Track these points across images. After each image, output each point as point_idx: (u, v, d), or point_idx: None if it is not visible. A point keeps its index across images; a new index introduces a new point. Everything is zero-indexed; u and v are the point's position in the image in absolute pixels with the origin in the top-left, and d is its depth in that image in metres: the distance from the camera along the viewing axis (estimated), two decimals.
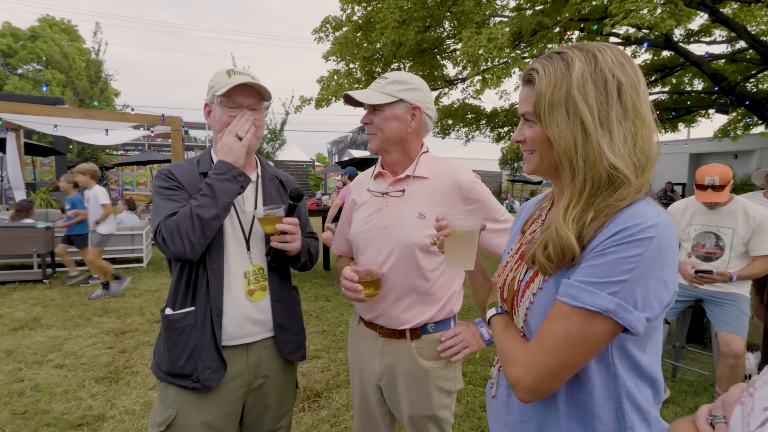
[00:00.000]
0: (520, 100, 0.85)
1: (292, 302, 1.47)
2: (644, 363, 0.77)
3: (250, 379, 1.34)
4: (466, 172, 1.37)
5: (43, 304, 4.91)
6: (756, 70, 8.83)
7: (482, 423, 2.60)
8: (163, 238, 1.21)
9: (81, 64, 20.03)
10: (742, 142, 12.83)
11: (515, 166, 30.41)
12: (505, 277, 0.93)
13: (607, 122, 0.74)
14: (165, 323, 1.30)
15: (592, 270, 0.71)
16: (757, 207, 2.61)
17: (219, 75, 1.33)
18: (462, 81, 9.77)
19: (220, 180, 1.23)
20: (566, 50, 0.78)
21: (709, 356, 3.52)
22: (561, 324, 0.72)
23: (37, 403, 2.76)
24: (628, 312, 0.69)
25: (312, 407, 2.80)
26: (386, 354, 1.38)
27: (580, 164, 0.75)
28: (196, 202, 1.21)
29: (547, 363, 0.73)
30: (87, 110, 6.71)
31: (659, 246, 0.68)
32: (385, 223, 1.35)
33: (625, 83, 0.75)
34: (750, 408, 0.42)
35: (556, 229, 0.76)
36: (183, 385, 1.25)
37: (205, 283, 1.27)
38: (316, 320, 4.51)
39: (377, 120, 1.32)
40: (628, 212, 0.71)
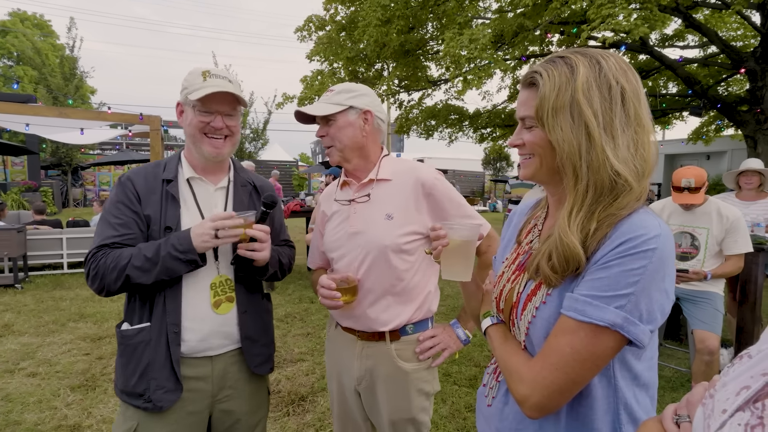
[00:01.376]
0: (519, 104, 0.83)
1: (261, 313, 1.41)
2: (639, 370, 0.78)
3: (215, 390, 1.29)
4: (427, 169, 1.38)
5: (14, 309, 4.73)
6: (726, 74, 9.16)
7: (467, 423, 2.61)
8: (88, 273, 1.19)
9: (55, 61, 19.38)
10: (714, 143, 13.27)
11: (498, 166, 30.82)
12: (502, 288, 0.91)
13: (611, 128, 0.73)
14: (119, 339, 1.24)
15: (597, 283, 0.70)
16: (730, 208, 2.71)
17: (193, 75, 1.27)
18: (445, 82, 9.85)
19: (172, 257, 1.16)
20: (570, 55, 0.78)
21: (685, 352, 3.62)
22: (568, 340, 0.71)
23: (9, 414, 2.65)
24: (635, 326, 0.68)
25: (297, 411, 2.77)
26: (365, 357, 1.37)
27: (583, 170, 0.74)
28: (136, 261, 1.16)
29: (555, 380, 0.72)
30: (61, 108, 6.50)
31: (661, 257, 0.68)
32: (355, 229, 1.35)
33: (628, 90, 0.75)
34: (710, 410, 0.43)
35: (560, 237, 0.74)
36: (136, 405, 1.20)
37: (162, 298, 1.22)
38: (300, 323, 4.47)
39: (332, 131, 1.33)
40: (629, 223, 0.71)
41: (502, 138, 12.08)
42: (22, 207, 11.62)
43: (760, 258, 2.90)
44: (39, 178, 15.46)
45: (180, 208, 1.27)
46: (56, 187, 15.93)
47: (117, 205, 1.24)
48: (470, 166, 28.44)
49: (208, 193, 1.34)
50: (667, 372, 3.38)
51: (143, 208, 1.25)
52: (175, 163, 1.33)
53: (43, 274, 6.37)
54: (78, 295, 5.35)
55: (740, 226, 2.65)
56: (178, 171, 1.32)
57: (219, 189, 1.36)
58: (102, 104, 21.72)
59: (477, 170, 28.03)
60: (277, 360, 3.49)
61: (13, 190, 12.61)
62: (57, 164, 18.51)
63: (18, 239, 5.69)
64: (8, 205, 7.56)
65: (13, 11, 26.98)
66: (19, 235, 5.72)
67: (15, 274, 5.65)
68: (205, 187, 1.34)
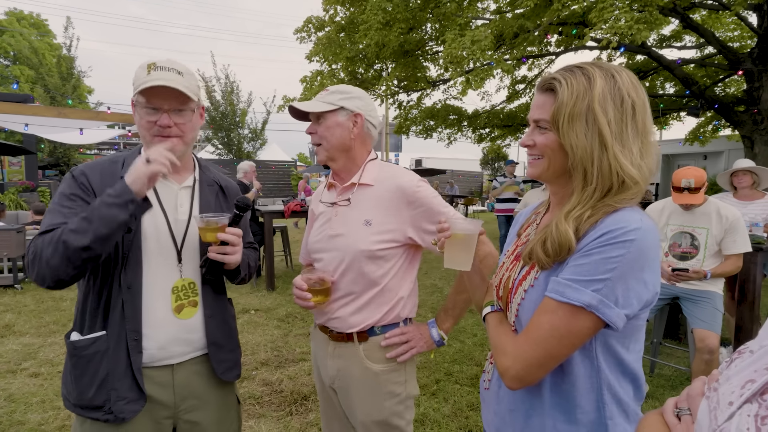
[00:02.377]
0: (534, 107, 0.88)
1: (226, 318, 1.35)
2: (627, 360, 0.83)
3: (177, 401, 1.22)
4: (409, 176, 1.38)
5: (15, 310, 4.73)
6: (723, 74, 9.22)
7: (469, 422, 2.63)
8: (28, 261, 1.06)
9: (52, 60, 19.32)
10: (711, 143, 13.33)
11: (496, 166, 30.87)
12: (501, 277, 0.99)
13: (621, 137, 0.80)
14: (70, 350, 1.15)
15: (578, 269, 0.77)
16: (729, 208, 2.73)
17: (140, 69, 1.16)
18: (444, 82, 9.87)
19: (107, 204, 1.02)
20: (587, 66, 0.83)
21: (684, 351, 3.65)
22: (548, 318, 0.78)
23: (12, 414, 2.65)
24: (609, 308, 0.75)
25: (299, 411, 2.78)
26: (337, 357, 1.39)
27: (594, 174, 0.80)
28: (71, 225, 1.02)
29: (533, 353, 0.79)
30: (61, 108, 6.49)
31: (640, 248, 0.74)
32: (335, 232, 1.37)
33: (638, 104, 0.81)
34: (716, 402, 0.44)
35: (556, 225, 0.81)
36: (95, 418, 1.13)
37: (119, 304, 1.13)
38: (301, 322, 4.48)
39: (321, 129, 1.35)
40: (614, 217, 0.77)
41: (501, 138, 12.11)
42: (20, 207, 11.57)
43: (758, 257, 2.93)
44: (36, 178, 15.41)
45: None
46: (54, 187, 15.87)
47: (69, 196, 1.14)
48: (468, 166, 28.48)
49: (171, 192, 1.27)
50: (667, 371, 3.40)
51: None
52: (134, 160, 1.18)
53: None
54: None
55: (739, 226, 2.68)
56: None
57: (184, 188, 1.29)
58: (99, 104, 21.67)
59: (475, 170, 28.08)
60: (278, 360, 3.51)
61: (10, 191, 12.55)
62: (54, 164, 18.45)
63: (17, 239, 5.68)
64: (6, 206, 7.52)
65: (10, 10, 26.85)
66: (18, 235, 5.71)
67: (14, 274, 5.64)
68: (168, 187, 1.26)
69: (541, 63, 10.59)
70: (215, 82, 18.43)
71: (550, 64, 10.64)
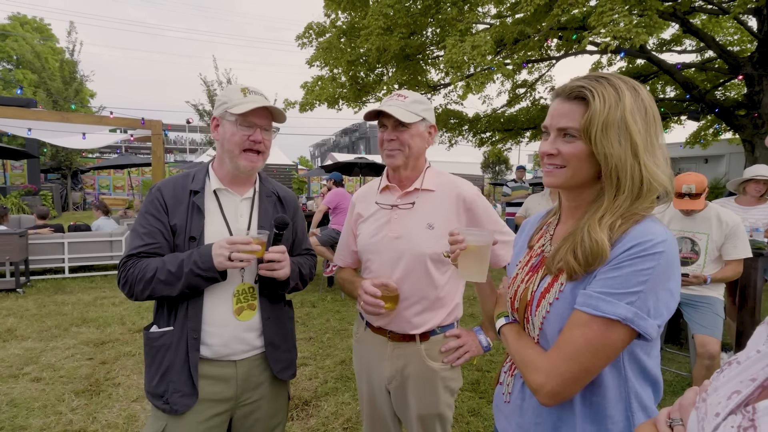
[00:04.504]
0: (559, 115, 0.86)
1: (284, 319, 1.46)
2: (649, 366, 0.84)
3: (238, 393, 1.34)
4: (469, 186, 1.46)
5: (17, 314, 4.74)
6: (724, 78, 9.23)
7: (470, 428, 2.63)
8: (119, 280, 1.28)
9: (54, 65, 19.41)
10: (712, 147, 13.33)
11: (497, 169, 30.89)
12: (516, 288, 0.98)
13: (650, 146, 0.82)
14: (145, 340, 1.31)
15: (609, 282, 0.77)
16: (730, 213, 2.74)
17: (233, 91, 1.33)
18: (445, 86, 9.89)
19: (194, 274, 1.22)
20: (612, 78, 0.84)
21: (685, 356, 3.65)
22: (582, 332, 0.78)
23: (14, 419, 2.66)
24: (644, 320, 0.75)
25: (300, 416, 2.78)
26: (396, 357, 1.44)
27: (627, 182, 0.81)
28: (161, 275, 1.22)
29: (569, 369, 0.78)
30: (63, 113, 6.52)
31: (668, 260, 0.76)
32: (396, 234, 1.42)
33: (656, 116, 0.85)
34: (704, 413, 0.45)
35: (588, 234, 0.81)
36: (157, 406, 1.26)
37: (185, 304, 1.28)
38: (302, 327, 4.48)
39: (404, 137, 1.39)
40: (639, 229, 0.79)
41: (502, 142, 12.11)
42: (23, 211, 11.61)
43: (759, 263, 2.93)
44: (39, 181, 15.46)
45: (204, 219, 1.32)
46: (56, 190, 15.92)
47: (145, 215, 1.31)
48: (469, 170, 28.48)
49: (234, 204, 1.39)
50: (668, 376, 3.40)
51: (170, 218, 1.30)
52: (203, 175, 1.39)
53: (45, 279, 6.38)
54: (80, 300, 5.36)
55: (739, 231, 2.68)
56: (206, 182, 1.37)
57: (245, 199, 1.41)
58: (102, 108, 21.75)
59: (476, 173, 28.07)
60: None
61: (12, 194, 12.60)
62: (56, 168, 18.50)
63: (20, 244, 5.70)
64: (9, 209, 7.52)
65: (13, 15, 27.02)
66: (21, 239, 5.73)
67: (17, 278, 5.65)
68: (231, 198, 1.39)
69: (541, 67, 10.62)
70: (217, 86, 18.50)
71: (550, 68, 10.67)
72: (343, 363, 3.57)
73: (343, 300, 5.45)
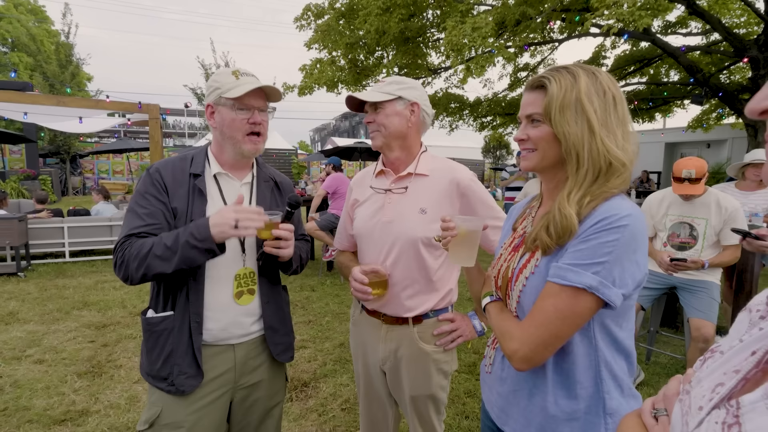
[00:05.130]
0: (525, 104, 0.96)
1: (281, 304, 1.47)
2: (620, 337, 0.90)
3: (237, 376, 1.35)
4: (464, 171, 1.45)
5: (18, 298, 4.78)
6: (729, 62, 9.09)
7: (466, 408, 2.68)
8: (115, 261, 1.23)
9: (50, 47, 19.13)
10: (715, 132, 13.24)
11: (497, 154, 30.72)
12: (500, 268, 1.04)
13: (607, 124, 0.88)
14: (144, 326, 1.30)
15: (577, 254, 0.83)
16: (729, 198, 2.73)
17: (224, 75, 1.30)
18: (445, 70, 9.75)
19: (190, 245, 1.16)
20: (570, 66, 0.92)
21: (681, 339, 3.68)
22: (552, 301, 0.84)
23: (18, 400, 2.70)
24: (608, 288, 0.81)
25: (299, 397, 2.82)
26: (390, 340, 1.46)
27: (585, 156, 0.87)
28: (157, 250, 1.17)
29: (540, 335, 0.85)
30: (60, 97, 6.45)
31: (632, 233, 0.81)
32: (389, 219, 1.42)
33: (617, 97, 0.90)
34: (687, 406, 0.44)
35: (559, 210, 0.87)
36: (161, 387, 1.27)
37: (185, 289, 1.27)
38: (302, 310, 4.52)
39: (379, 117, 1.39)
40: (607, 205, 0.84)
41: (503, 126, 12.01)
42: (22, 195, 11.61)
43: None
44: (37, 166, 15.41)
45: (207, 202, 1.31)
46: (55, 175, 15.88)
47: (144, 195, 1.27)
48: (470, 155, 28.34)
49: (234, 189, 1.39)
50: (662, 359, 3.44)
51: (171, 200, 1.28)
52: (202, 158, 1.37)
53: (46, 263, 6.41)
54: (81, 284, 5.40)
55: (738, 216, 2.67)
56: (206, 166, 1.36)
57: (244, 184, 1.41)
58: (99, 92, 21.52)
59: (477, 158, 27.94)
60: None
61: (12, 179, 12.57)
62: (55, 152, 18.42)
63: (19, 228, 5.71)
64: (8, 194, 7.50)
65: None
66: (20, 224, 5.74)
67: (17, 262, 5.68)
68: (231, 183, 1.38)
69: (544, 50, 10.45)
70: (215, 70, 18.27)
71: (553, 51, 10.50)
72: (341, 346, 3.61)
73: (342, 284, 5.48)
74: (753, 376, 0.39)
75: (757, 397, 0.35)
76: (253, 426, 1.43)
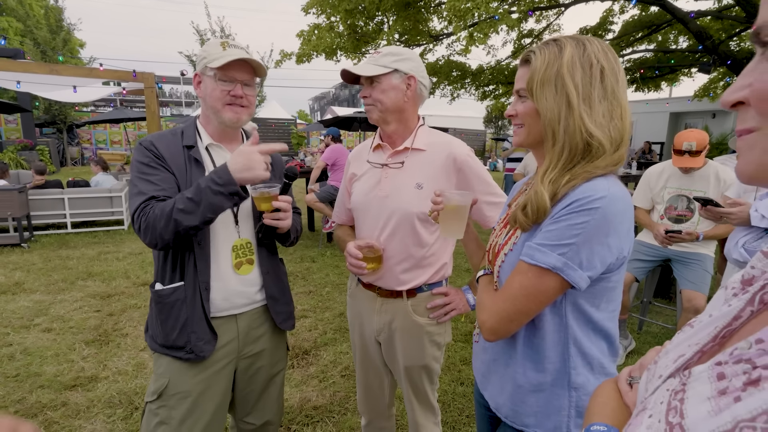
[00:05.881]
0: (516, 79, 0.96)
1: (280, 275, 1.50)
2: (597, 318, 0.90)
3: (240, 346, 1.40)
4: (461, 146, 1.44)
5: (23, 268, 4.86)
6: (740, 27, 8.80)
7: (462, 375, 2.77)
8: (139, 226, 1.20)
9: (39, 11, 18.50)
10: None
11: (499, 124, 30.27)
12: (492, 242, 1.07)
13: (589, 99, 0.85)
14: (155, 298, 1.32)
15: (547, 234, 0.84)
16: (728, 171, 2.72)
17: (212, 46, 1.29)
18: (447, 36, 9.46)
19: (213, 191, 1.16)
20: (561, 38, 0.89)
21: (672, 309, 3.76)
22: (519, 278, 0.86)
23: (29, 366, 2.80)
24: (573, 270, 0.82)
25: (301, 364, 2.92)
26: (384, 312, 1.49)
27: (560, 133, 0.86)
28: (180, 204, 1.16)
29: (506, 309, 0.88)
30: (52, 65, 6.30)
31: (605, 215, 0.80)
32: (385, 193, 1.42)
33: (606, 69, 0.86)
34: (652, 374, 0.46)
35: (535, 191, 0.87)
36: (177, 356, 1.30)
37: (192, 259, 1.29)
38: (302, 281, 4.60)
39: (375, 92, 1.37)
40: (584, 186, 0.83)
41: (505, 96, 11.76)
42: (21, 166, 11.55)
43: None
44: (34, 136, 15.23)
45: (205, 172, 1.31)
46: (52, 145, 15.72)
47: (149, 164, 1.26)
48: (471, 124, 27.92)
49: (226, 160, 1.37)
50: (654, 328, 3.53)
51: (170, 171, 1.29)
52: (192, 131, 1.37)
53: (48, 234, 6.47)
54: (84, 255, 5.47)
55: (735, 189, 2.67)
56: (197, 138, 1.36)
57: None
58: (92, 59, 21.00)
59: (478, 128, 27.55)
60: None
61: (9, 149, 12.45)
62: (51, 122, 18.17)
63: (20, 199, 5.73)
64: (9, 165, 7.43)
65: None
66: (20, 195, 5.75)
67: (20, 233, 5.73)
68: (222, 154, 1.38)
69: (550, 15, 10.09)
70: (210, 36, 17.72)
71: (559, 17, 10.15)
72: (341, 315, 3.70)
73: (342, 255, 5.55)
74: (710, 349, 0.41)
75: (704, 367, 0.37)
76: (256, 393, 1.49)
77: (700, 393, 0.35)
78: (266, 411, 1.53)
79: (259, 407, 1.51)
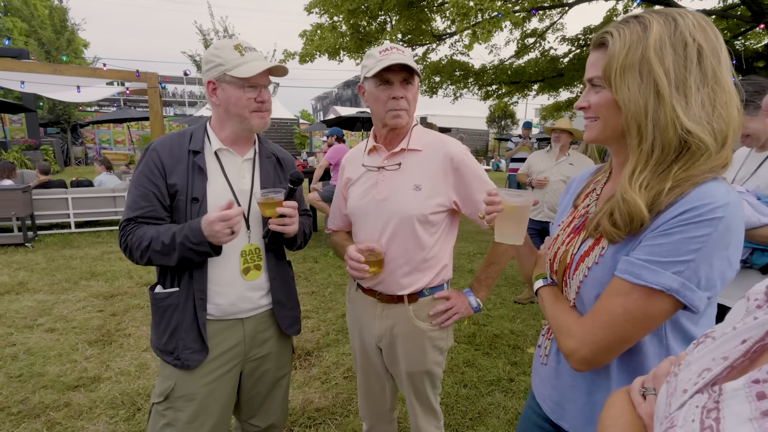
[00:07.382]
0: (588, 65, 0.83)
1: (287, 279, 1.51)
2: (695, 335, 0.79)
3: (246, 349, 1.39)
4: (456, 145, 1.42)
5: (27, 268, 4.87)
6: (745, 27, 8.73)
7: (465, 378, 2.76)
8: (119, 243, 1.30)
9: (44, 12, 18.60)
10: None
11: (502, 124, 30.20)
12: (556, 250, 0.94)
13: (684, 86, 0.72)
14: (152, 300, 1.33)
15: (656, 249, 0.71)
16: None
17: (226, 51, 1.26)
18: (450, 36, 9.44)
19: (186, 247, 1.21)
20: (645, 14, 0.76)
21: None
22: (620, 301, 0.73)
23: (32, 366, 2.81)
24: (692, 291, 0.70)
25: (303, 365, 2.92)
26: (385, 318, 1.47)
27: (649, 128, 0.73)
28: (156, 245, 1.22)
29: (604, 337, 0.75)
30: (56, 65, 6.32)
31: (728, 226, 0.68)
32: (383, 197, 1.40)
33: (705, 48, 0.72)
34: (674, 388, 0.44)
35: (622, 196, 0.75)
36: (168, 361, 1.30)
37: (188, 267, 1.29)
38: (305, 281, 4.59)
39: (410, 94, 1.34)
40: (699, 191, 0.70)
41: (508, 95, 11.73)
42: (25, 166, 11.60)
43: None
44: (38, 136, 15.30)
45: (207, 179, 1.30)
46: (57, 145, 15.79)
47: (139, 176, 1.29)
48: (474, 124, 27.89)
49: (236, 165, 1.37)
50: None
51: (168, 179, 1.28)
52: (201, 135, 1.35)
53: (52, 234, 6.49)
54: (87, 254, 5.48)
55: None
56: (205, 142, 1.34)
57: (246, 160, 1.41)
58: (96, 59, 21.09)
59: (481, 128, 27.50)
60: None
61: (13, 149, 12.52)
62: (55, 122, 18.26)
63: (24, 199, 5.74)
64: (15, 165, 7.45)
65: None
66: (24, 195, 5.76)
67: (24, 233, 5.75)
68: (232, 159, 1.37)
69: (553, 14, 10.05)
70: (213, 36, 17.75)
71: (563, 15, 10.10)
72: (344, 316, 3.68)
73: None
74: (740, 364, 0.39)
75: (739, 385, 0.35)
76: (262, 396, 1.49)
77: (738, 413, 0.33)
78: (271, 414, 1.52)
79: (264, 410, 1.51)
